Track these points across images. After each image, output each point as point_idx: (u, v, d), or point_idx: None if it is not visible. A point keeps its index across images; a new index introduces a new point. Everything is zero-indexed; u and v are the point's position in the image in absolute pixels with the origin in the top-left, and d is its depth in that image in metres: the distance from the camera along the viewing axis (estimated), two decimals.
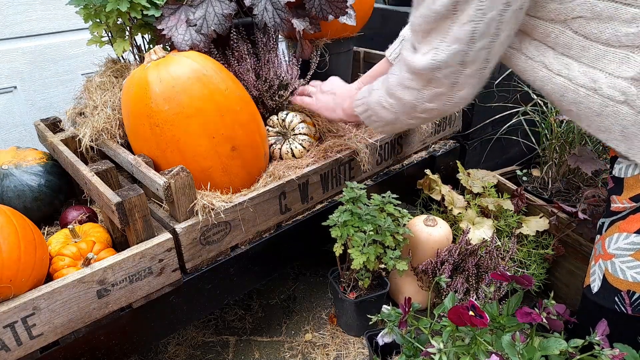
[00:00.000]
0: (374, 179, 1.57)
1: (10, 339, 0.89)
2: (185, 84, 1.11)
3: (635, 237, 0.88)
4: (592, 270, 0.98)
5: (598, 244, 0.97)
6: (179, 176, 1.05)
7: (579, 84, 0.85)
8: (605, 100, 0.83)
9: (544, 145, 1.87)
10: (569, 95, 0.87)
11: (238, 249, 1.24)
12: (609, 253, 0.93)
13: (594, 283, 0.97)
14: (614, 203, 0.93)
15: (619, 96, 0.81)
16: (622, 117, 0.82)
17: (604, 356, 0.85)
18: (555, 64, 0.87)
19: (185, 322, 1.21)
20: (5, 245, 0.88)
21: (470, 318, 0.84)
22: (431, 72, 0.89)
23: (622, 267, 0.90)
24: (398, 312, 1.10)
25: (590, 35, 0.81)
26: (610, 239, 0.93)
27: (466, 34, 0.81)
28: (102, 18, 1.30)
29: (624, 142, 0.85)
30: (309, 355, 1.46)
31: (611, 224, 0.94)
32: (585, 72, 0.84)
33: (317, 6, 1.35)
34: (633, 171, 0.88)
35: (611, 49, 0.80)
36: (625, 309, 0.90)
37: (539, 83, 0.92)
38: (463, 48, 0.83)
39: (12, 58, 1.70)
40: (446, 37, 0.83)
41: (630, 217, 0.90)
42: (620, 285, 0.90)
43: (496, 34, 0.82)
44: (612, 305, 0.92)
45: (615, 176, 0.93)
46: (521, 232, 1.59)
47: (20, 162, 1.25)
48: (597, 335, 0.89)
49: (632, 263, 0.88)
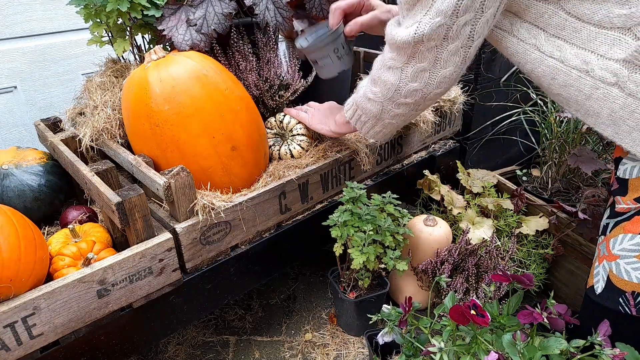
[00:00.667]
0: (374, 179, 1.57)
1: (10, 338, 0.89)
2: (185, 84, 1.11)
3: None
4: (596, 271, 0.97)
5: (602, 245, 0.97)
6: (179, 176, 1.05)
7: (571, 66, 0.85)
8: (596, 82, 0.83)
9: (544, 145, 1.87)
10: (560, 78, 0.87)
11: (238, 249, 1.24)
12: (613, 254, 0.92)
13: (597, 284, 0.96)
14: (619, 204, 0.93)
15: (610, 78, 0.81)
16: (611, 99, 0.82)
17: (605, 356, 0.85)
18: (547, 46, 0.87)
19: (185, 322, 1.21)
20: (6, 245, 0.87)
21: (472, 316, 0.84)
22: (414, 45, 0.89)
23: (627, 268, 0.90)
24: (398, 312, 1.10)
25: (583, 16, 0.81)
26: (615, 240, 0.92)
27: (449, 7, 0.82)
28: (102, 18, 1.30)
29: (611, 127, 0.85)
30: (309, 355, 1.46)
31: (616, 225, 0.94)
32: (577, 54, 0.84)
33: (317, 6, 1.35)
34: (638, 172, 0.88)
35: (603, 30, 0.80)
36: (630, 310, 0.90)
37: (529, 66, 0.92)
38: (446, 21, 0.84)
39: (12, 58, 1.70)
40: (430, 10, 0.84)
41: (636, 218, 0.89)
42: (625, 286, 0.90)
43: (481, 9, 0.83)
44: (616, 306, 0.92)
45: (619, 177, 0.93)
46: (521, 231, 1.59)
47: (20, 162, 1.25)
48: (599, 335, 0.89)
49: (637, 264, 0.88)
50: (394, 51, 0.95)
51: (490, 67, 1.76)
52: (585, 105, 0.86)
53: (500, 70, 1.82)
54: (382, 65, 1.00)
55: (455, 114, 1.77)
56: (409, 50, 0.91)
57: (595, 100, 0.84)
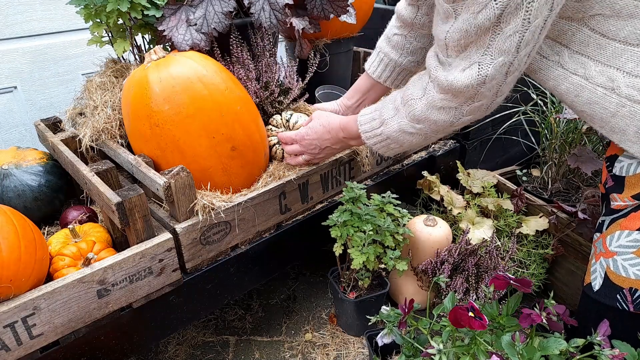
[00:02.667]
0: (374, 179, 1.57)
1: (10, 339, 0.89)
2: (185, 84, 1.11)
3: (637, 235, 0.88)
4: (593, 268, 0.98)
5: (598, 242, 0.97)
6: (179, 176, 1.05)
7: (596, 83, 0.83)
8: (622, 100, 0.81)
9: (544, 145, 1.87)
10: (585, 95, 0.86)
11: (238, 249, 1.24)
12: (610, 251, 0.93)
13: (595, 281, 0.97)
14: (615, 201, 0.93)
15: (637, 95, 0.80)
16: (638, 117, 0.81)
17: (604, 356, 0.85)
18: (571, 63, 0.86)
19: (185, 322, 1.21)
20: (6, 245, 0.88)
21: (469, 320, 0.84)
22: (476, 87, 0.84)
23: (624, 264, 0.90)
24: (397, 313, 1.10)
25: (608, 32, 0.80)
26: (612, 237, 0.93)
27: (512, 45, 0.78)
28: (102, 18, 1.30)
29: (637, 144, 0.84)
30: (309, 355, 1.46)
31: (612, 222, 0.94)
32: (602, 71, 0.82)
33: (318, 6, 1.35)
34: (635, 169, 0.88)
35: (629, 47, 0.79)
36: (628, 306, 0.90)
37: (552, 83, 0.91)
38: (509, 59, 0.80)
39: (12, 58, 1.70)
40: (489, 50, 0.79)
41: (632, 214, 0.90)
42: (623, 282, 0.90)
43: (538, 39, 0.80)
44: (614, 302, 0.92)
45: (615, 175, 0.93)
46: (521, 232, 1.59)
47: (20, 162, 1.25)
48: (598, 335, 0.89)
49: (634, 260, 0.88)
50: (447, 93, 0.90)
51: None
52: (611, 123, 0.85)
53: None
54: (430, 106, 0.94)
55: None
56: (470, 92, 0.86)
57: (621, 118, 0.83)
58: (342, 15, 1.38)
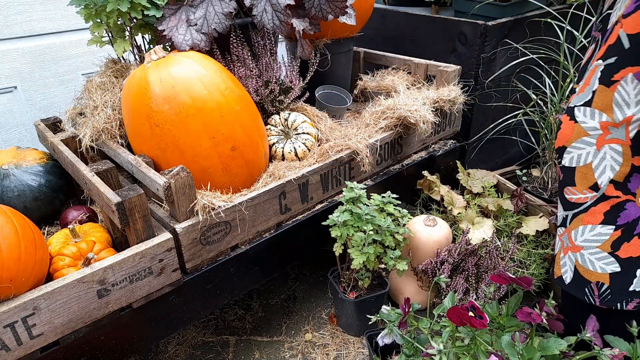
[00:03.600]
0: (374, 179, 1.57)
1: (10, 339, 0.89)
2: (185, 84, 1.11)
3: (601, 229, 0.89)
4: (563, 262, 1.00)
5: (564, 236, 0.98)
6: (179, 176, 1.05)
7: None
8: None
9: (544, 145, 1.87)
10: None
11: (238, 249, 1.24)
12: (577, 245, 0.94)
13: (565, 274, 0.98)
14: (571, 194, 0.94)
15: None
16: None
17: (604, 356, 0.85)
18: None
19: (185, 322, 1.21)
20: (6, 245, 0.88)
21: (470, 319, 0.84)
22: None
23: (590, 258, 0.92)
24: (397, 313, 1.10)
25: None
26: (577, 232, 0.94)
27: None
28: (102, 18, 1.31)
29: None
30: (309, 355, 1.46)
31: (574, 217, 0.95)
32: None
33: (316, 6, 1.35)
34: (586, 159, 0.88)
35: None
36: (594, 300, 0.92)
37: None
38: None
39: (12, 58, 1.70)
40: None
41: (592, 209, 0.91)
42: (590, 276, 0.92)
43: None
44: (583, 296, 0.94)
45: (565, 166, 0.93)
46: (521, 232, 1.59)
47: (20, 162, 1.25)
48: (587, 332, 0.90)
49: (600, 254, 0.90)
50: None
51: (490, 68, 1.76)
52: None
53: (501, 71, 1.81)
54: None
55: (455, 114, 1.77)
56: None
57: None
58: (340, 16, 1.38)
